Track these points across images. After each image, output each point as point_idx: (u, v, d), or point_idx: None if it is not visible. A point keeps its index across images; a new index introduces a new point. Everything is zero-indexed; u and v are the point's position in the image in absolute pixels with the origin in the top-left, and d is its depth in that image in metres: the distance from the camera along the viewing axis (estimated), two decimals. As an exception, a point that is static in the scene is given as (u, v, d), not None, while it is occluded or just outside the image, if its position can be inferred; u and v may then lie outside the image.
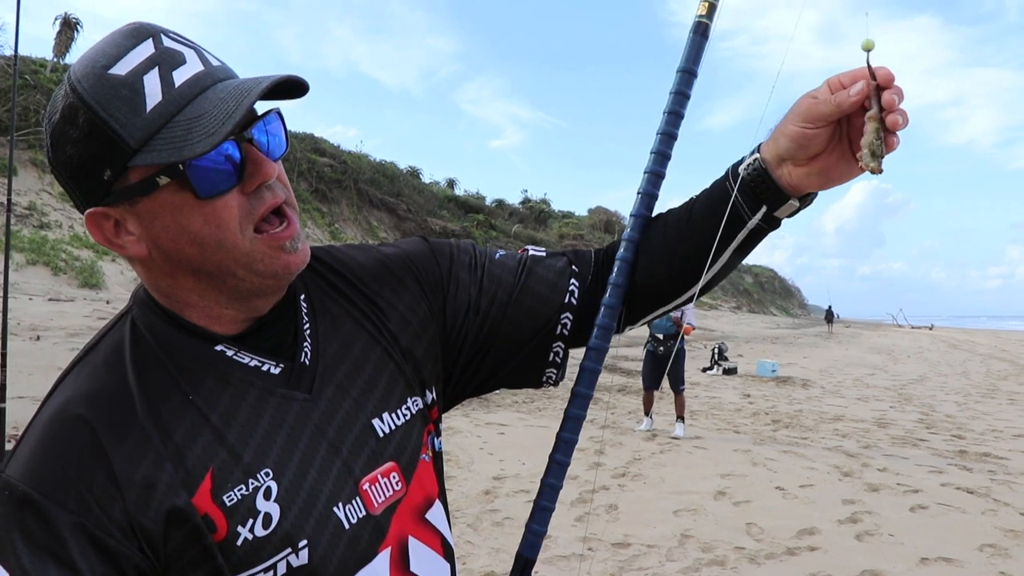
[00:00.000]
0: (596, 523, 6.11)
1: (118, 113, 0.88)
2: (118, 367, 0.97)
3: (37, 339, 11.97)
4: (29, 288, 17.42)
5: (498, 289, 1.23)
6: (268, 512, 0.95)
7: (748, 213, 1.11)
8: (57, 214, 23.51)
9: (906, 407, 14.18)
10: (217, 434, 0.96)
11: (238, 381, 1.00)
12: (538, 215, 65.15)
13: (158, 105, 0.88)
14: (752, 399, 14.44)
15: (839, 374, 20.82)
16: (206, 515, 0.92)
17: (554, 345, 1.25)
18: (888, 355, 30.73)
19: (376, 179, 43.02)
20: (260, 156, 0.94)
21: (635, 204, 1.24)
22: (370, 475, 1.05)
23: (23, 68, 7.03)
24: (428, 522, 1.13)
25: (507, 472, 7.54)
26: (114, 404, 0.94)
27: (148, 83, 0.89)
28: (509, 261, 1.27)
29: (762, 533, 6.12)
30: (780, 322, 66.05)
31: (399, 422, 1.12)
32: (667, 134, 1.23)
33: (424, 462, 1.15)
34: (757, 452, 9.32)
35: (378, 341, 1.14)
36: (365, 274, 1.19)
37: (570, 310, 1.24)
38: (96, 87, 0.89)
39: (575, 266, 1.28)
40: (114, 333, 1.03)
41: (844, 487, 7.72)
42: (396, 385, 1.14)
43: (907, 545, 5.93)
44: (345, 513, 1.01)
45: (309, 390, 1.04)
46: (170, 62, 0.90)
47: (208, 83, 0.91)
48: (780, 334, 39.16)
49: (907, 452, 9.72)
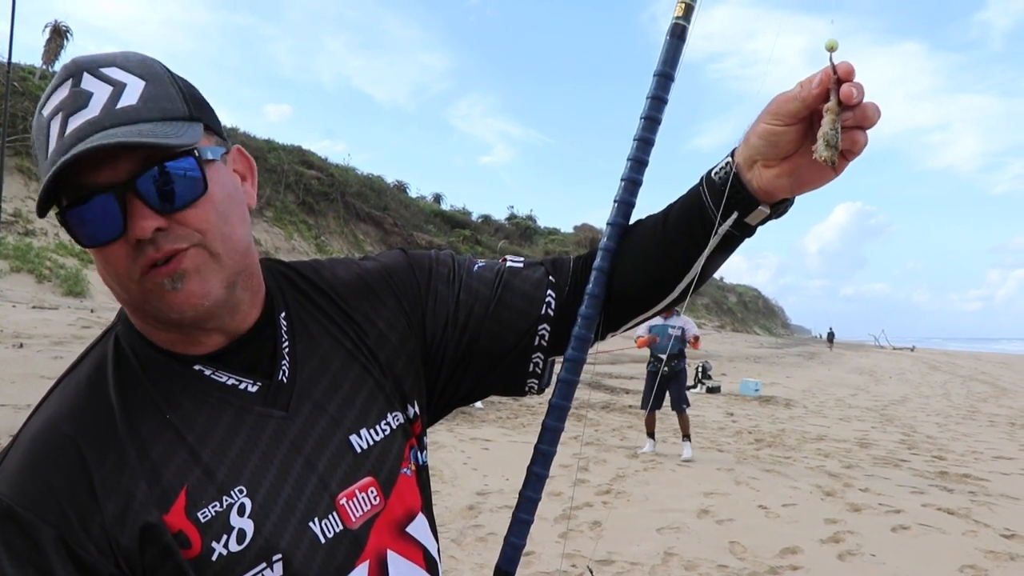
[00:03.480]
0: (579, 540, 6.12)
1: (39, 152, 0.95)
2: (100, 385, 1.00)
3: (20, 347, 11.89)
4: (13, 295, 17.30)
5: (475, 302, 1.24)
6: (242, 528, 0.97)
7: (720, 220, 1.11)
8: (42, 222, 23.36)
9: (888, 428, 14.25)
10: (192, 453, 0.98)
11: (215, 400, 1.02)
12: (524, 231, 65.24)
13: (52, 152, 0.91)
14: (735, 418, 14.48)
15: (822, 394, 20.90)
16: (180, 531, 0.94)
17: (533, 356, 1.25)
18: (870, 376, 30.85)
19: (363, 192, 43.00)
20: (137, 211, 0.91)
21: (611, 212, 1.24)
22: (347, 490, 1.07)
23: (12, 75, 7.02)
24: (409, 535, 1.14)
25: (491, 487, 7.54)
26: (96, 421, 0.96)
27: (52, 129, 0.92)
28: (487, 273, 1.28)
29: (745, 552, 6.14)
30: (763, 341, 66.22)
31: (378, 438, 1.13)
32: (644, 140, 1.22)
33: (405, 476, 1.16)
34: (740, 471, 9.35)
35: (356, 358, 1.16)
36: (345, 290, 1.20)
37: (547, 321, 1.24)
38: (36, 123, 0.95)
39: (552, 276, 1.28)
40: (98, 350, 1.05)
41: (826, 507, 7.75)
42: (375, 401, 1.15)
43: (889, 565, 5.96)
44: (321, 528, 1.03)
45: (286, 408, 1.06)
46: (70, 107, 0.91)
47: (86, 132, 0.89)
48: (763, 353, 39.29)
49: (889, 472, 9.77)
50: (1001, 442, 12.94)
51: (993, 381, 30.81)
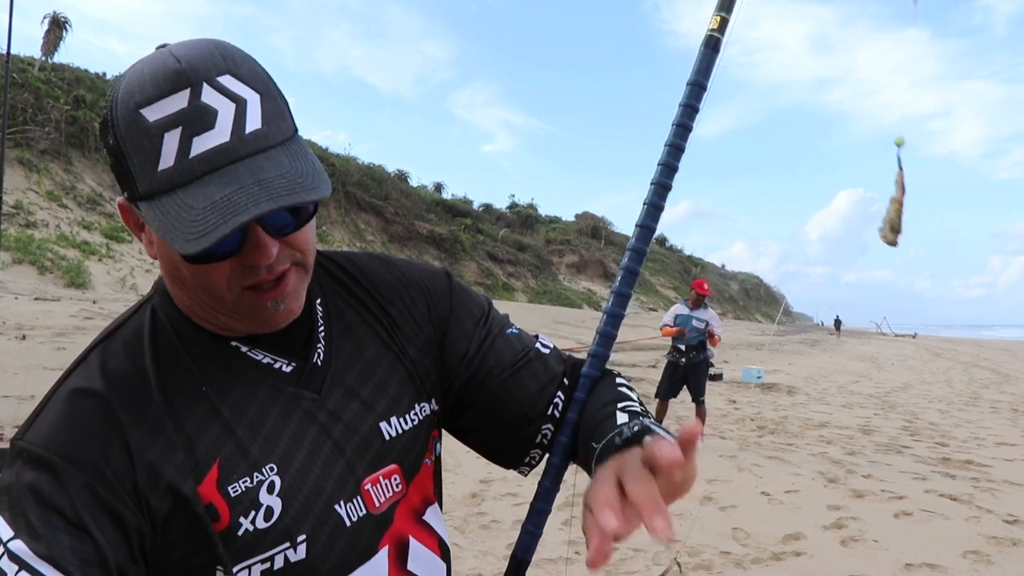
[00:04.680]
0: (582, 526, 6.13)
1: (136, 158, 0.88)
2: (137, 353, 1.00)
3: (23, 338, 11.91)
4: (15, 287, 17.32)
5: (495, 362, 1.23)
6: (270, 506, 0.98)
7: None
8: (44, 213, 23.40)
9: (890, 414, 14.27)
10: (227, 427, 0.99)
11: (250, 377, 1.03)
12: (525, 219, 65.19)
13: (168, 170, 0.86)
14: (738, 405, 14.50)
15: (824, 381, 20.91)
16: (210, 504, 0.95)
17: (532, 451, 1.25)
18: (872, 363, 30.87)
19: (364, 182, 43.00)
20: (262, 240, 0.91)
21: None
22: (372, 476, 1.08)
23: (11, 67, 7.07)
24: (426, 523, 1.17)
25: (494, 476, 7.56)
26: (132, 387, 0.97)
27: (167, 143, 0.86)
28: (516, 343, 1.27)
29: (748, 538, 6.16)
30: (765, 329, 66.28)
31: (407, 427, 1.14)
32: (674, 146, 1.23)
33: (427, 466, 1.19)
34: (743, 458, 9.37)
35: (390, 347, 1.17)
36: (382, 284, 1.21)
37: (551, 421, 1.24)
38: (127, 122, 0.88)
39: (567, 379, 1.27)
40: (135, 319, 1.05)
41: (829, 493, 7.77)
42: (406, 391, 1.16)
43: (892, 551, 5.97)
44: (346, 511, 1.04)
45: (318, 390, 1.07)
46: (195, 125, 0.86)
47: (221, 162, 0.86)
48: (765, 340, 39.29)
49: (891, 459, 9.78)
50: (1004, 428, 12.96)
51: (995, 368, 30.83)
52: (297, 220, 0.95)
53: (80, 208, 25.36)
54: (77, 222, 24.34)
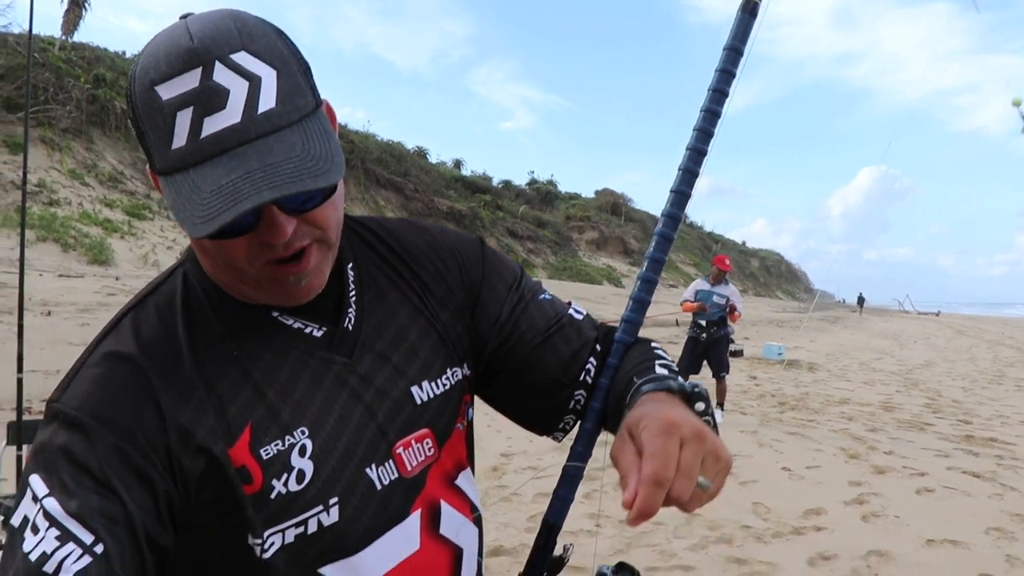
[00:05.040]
0: (604, 500, 6.15)
1: (152, 134, 0.88)
2: (169, 318, 1.01)
3: (48, 314, 12.05)
4: (39, 264, 17.49)
5: (527, 328, 1.23)
6: (302, 468, 0.98)
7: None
8: (66, 191, 23.58)
9: (912, 391, 14.19)
10: (258, 390, 0.99)
11: (281, 342, 1.03)
12: (544, 196, 65.02)
13: (180, 149, 0.86)
14: (758, 381, 14.47)
15: (845, 358, 20.82)
16: (243, 467, 0.95)
17: (565, 416, 1.25)
18: (894, 340, 30.70)
19: (383, 159, 43.01)
20: (276, 219, 0.90)
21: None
22: (404, 439, 1.08)
23: (32, 46, 7.12)
24: (458, 487, 1.17)
25: (515, 449, 7.59)
26: (164, 351, 0.97)
27: (179, 122, 0.85)
28: (548, 309, 1.26)
29: (768, 512, 6.15)
30: (786, 306, 65.99)
31: (438, 391, 1.14)
32: (711, 111, 1.21)
33: (459, 430, 1.18)
34: (763, 433, 9.35)
35: (422, 312, 1.16)
36: (414, 250, 1.21)
37: (584, 388, 1.23)
38: (143, 99, 0.87)
39: (600, 345, 1.26)
40: (168, 285, 1.05)
41: (850, 469, 7.75)
42: (437, 355, 1.16)
43: (913, 527, 5.95)
44: (378, 474, 1.04)
45: (349, 355, 1.07)
46: (207, 105, 0.85)
47: (231, 144, 0.85)
48: (786, 318, 39.13)
49: (913, 436, 9.73)
50: (1028, 405, 12.85)
51: (1020, 346, 30.57)
52: (315, 199, 0.94)
53: (102, 186, 25.51)
54: (99, 200, 24.50)
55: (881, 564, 5.14)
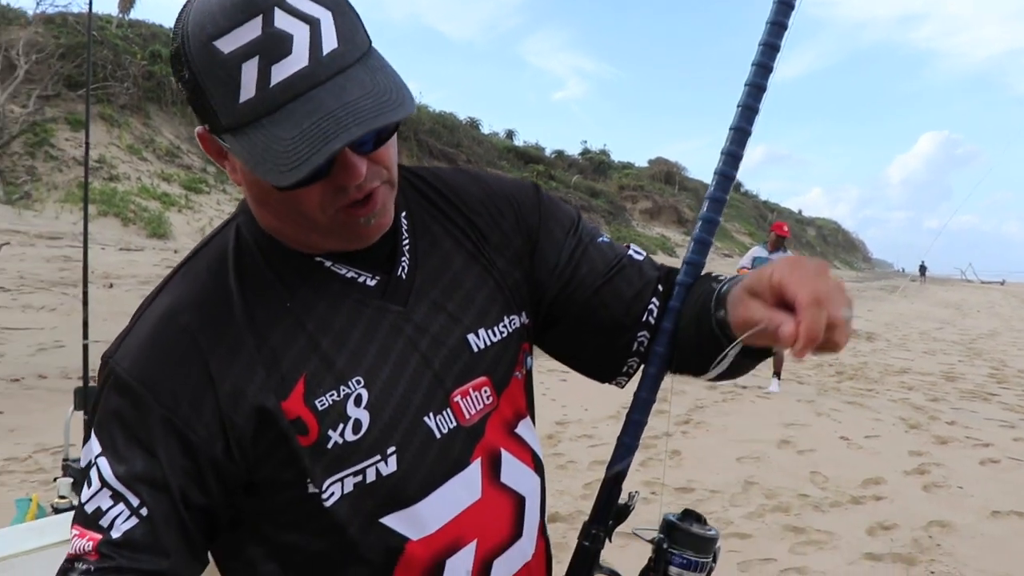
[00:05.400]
0: (660, 468, 6.14)
1: (215, 91, 0.86)
2: (220, 272, 1.01)
3: (110, 287, 12.33)
4: (101, 238, 17.87)
5: (587, 271, 1.19)
6: (358, 418, 0.98)
7: (725, 343, 1.01)
8: (126, 166, 24.00)
9: (976, 361, 13.90)
10: (312, 341, 0.99)
11: (334, 291, 1.03)
12: (597, 166, 64.50)
13: (250, 101, 0.85)
14: (815, 351, 14.24)
15: (905, 328, 20.43)
16: (298, 418, 0.96)
17: (629, 360, 1.21)
18: (956, 309, 30.03)
19: (436, 130, 43.01)
20: (350, 160, 0.90)
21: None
22: (462, 388, 1.07)
23: (91, 25, 7.21)
24: (518, 436, 1.15)
25: (570, 418, 7.60)
26: (214, 308, 0.98)
27: (245, 73, 0.84)
28: (607, 251, 1.23)
29: (826, 482, 6.09)
30: (844, 275, 64.86)
31: (495, 338, 1.12)
32: (762, 67, 1.14)
33: (517, 379, 1.16)
34: (821, 403, 9.24)
35: (477, 260, 1.15)
36: (468, 197, 1.19)
37: (647, 329, 1.18)
38: (200, 54, 0.86)
39: (662, 285, 1.21)
40: (220, 239, 1.06)
41: (911, 439, 7.63)
42: (494, 303, 1.14)
43: (977, 497, 5.85)
44: (436, 423, 1.04)
45: (404, 303, 1.06)
46: (272, 52, 0.83)
47: (303, 88, 0.84)
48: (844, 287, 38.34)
49: (976, 406, 9.55)
50: (1097, 375, 12.49)
51: (1088, 314, 29.68)
52: (380, 135, 0.94)
53: (159, 161, 25.91)
54: (157, 174, 24.89)
55: (943, 535, 5.06)
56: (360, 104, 0.85)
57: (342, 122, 0.83)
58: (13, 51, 23.42)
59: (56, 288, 12.23)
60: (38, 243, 16.24)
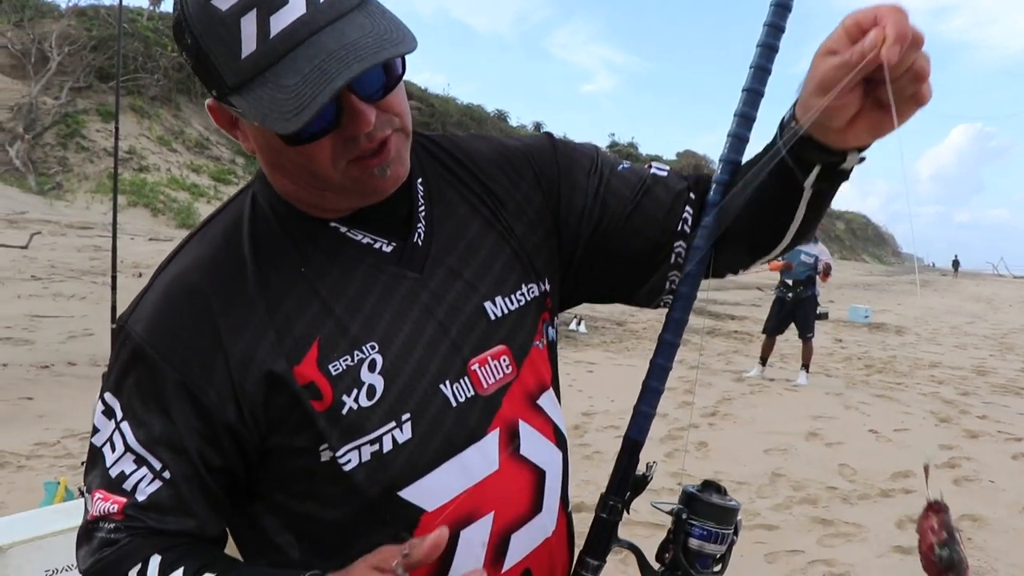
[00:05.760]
0: (686, 459, 6.11)
1: (217, 51, 0.86)
2: (235, 238, 1.02)
3: (139, 276, 12.44)
4: (130, 228, 18.06)
5: (614, 203, 1.18)
6: (372, 384, 0.98)
7: (802, 176, 1.00)
8: (155, 158, 24.24)
9: (1008, 356, 13.70)
10: (325, 306, 0.99)
11: (349, 257, 1.03)
12: (626, 158, 64.12)
13: (252, 55, 0.85)
14: (844, 344, 14.14)
15: (935, 322, 20.17)
16: (311, 382, 0.96)
17: (670, 274, 1.18)
18: (988, 304, 29.62)
19: (463, 122, 42.99)
20: (358, 107, 0.90)
21: (724, 148, 1.13)
22: (479, 356, 1.06)
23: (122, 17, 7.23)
24: (540, 408, 1.13)
25: (596, 408, 7.57)
26: (227, 273, 0.99)
27: (244, 27, 0.84)
28: (631, 176, 1.21)
29: (855, 474, 6.03)
30: (872, 269, 64.21)
31: (512, 307, 1.11)
32: (760, 67, 1.10)
33: (537, 349, 1.15)
34: (849, 395, 9.15)
35: (494, 227, 1.14)
36: (484, 162, 1.18)
37: (683, 238, 1.16)
38: (199, 15, 0.86)
39: (692, 192, 1.19)
40: (235, 205, 1.07)
41: (941, 432, 7.53)
42: (512, 271, 1.13)
43: (1009, 492, 5.76)
44: (453, 391, 1.02)
45: (420, 270, 1.05)
46: (268, 3, 0.84)
47: (303, 35, 0.84)
48: (873, 281, 38.14)
49: (1008, 400, 9.41)
50: None
51: (1123, 309, 29.20)
52: (388, 82, 0.93)
53: (189, 152, 26.15)
54: (186, 165, 25.12)
55: (975, 529, 4.99)
56: (361, 43, 0.85)
57: (344, 60, 0.84)
58: (46, 43, 23.73)
59: (86, 277, 12.39)
60: (69, 233, 16.45)
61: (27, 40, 23.86)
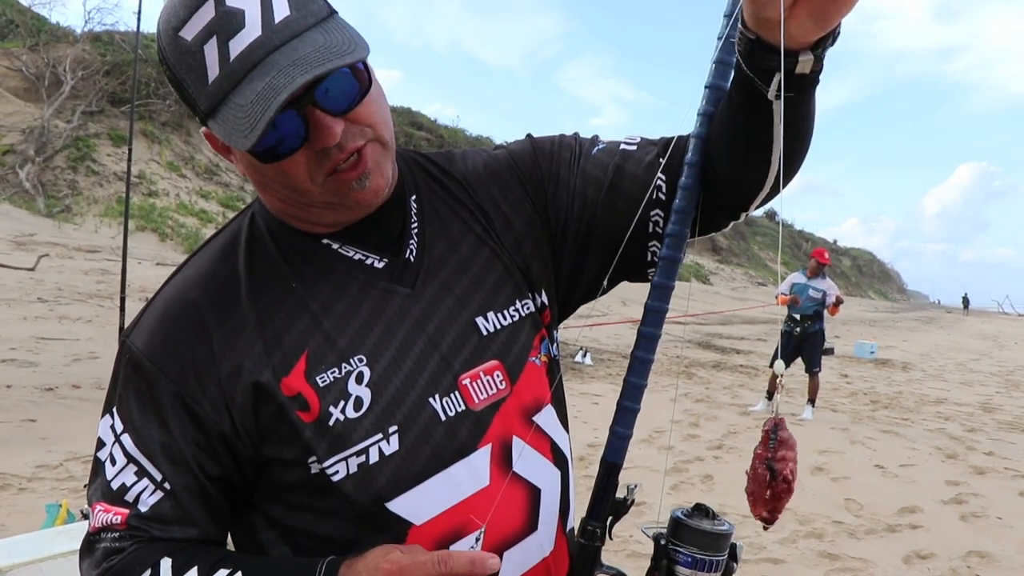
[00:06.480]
0: (692, 492, 6.07)
1: (188, 79, 0.91)
2: (232, 254, 1.06)
3: (146, 300, 12.48)
4: (138, 253, 18.10)
5: (590, 189, 1.17)
6: (359, 396, 1.00)
7: (764, 88, 0.92)
8: (164, 183, 24.35)
9: (1014, 393, 13.63)
10: (315, 320, 1.02)
11: (341, 273, 1.05)
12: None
13: (216, 79, 0.89)
14: (850, 379, 14.07)
15: (941, 358, 20.10)
16: (299, 394, 0.98)
17: (650, 244, 1.16)
18: (993, 341, 29.50)
19: (470, 154, 43.28)
20: (322, 121, 0.92)
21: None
22: (471, 371, 1.06)
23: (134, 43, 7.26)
24: (536, 425, 1.12)
25: (601, 440, 7.47)
26: (221, 287, 1.03)
27: (208, 55, 0.89)
28: (604, 157, 1.18)
29: (861, 509, 5.98)
30: (878, 306, 64.08)
31: (505, 322, 1.11)
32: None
33: (534, 365, 1.14)
34: (855, 431, 9.10)
35: (486, 243, 1.15)
36: (474, 179, 1.19)
37: (659, 206, 1.14)
38: (171, 48, 0.91)
39: (662, 157, 1.15)
40: (235, 224, 1.11)
41: (948, 468, 7.48)
42: (504, 286, 1.13)
43: (1017, 528, 5.71)
44: (442, 405, 1.03)
45: (412, 285, 1.07)
46: (227, 29, 0.87)
47: (259, 56, 0.88)
48: (878, 317, 38.01)
49: (1015, 437, 9.36)
50: None
51: None
52: (356, 94, 0.95)
53: (198, 178, 26.27)
54: (195, 191, 25.23)
55: (982, 565, 4.95)
56: (309, 57, 0.88)
57: (290, 75, 0.86)
58: (60, 67, 23.93)
59: (92, 300, 12.41)
60: (76, 256, 16.49)
61: (41, 64, 24.09)
